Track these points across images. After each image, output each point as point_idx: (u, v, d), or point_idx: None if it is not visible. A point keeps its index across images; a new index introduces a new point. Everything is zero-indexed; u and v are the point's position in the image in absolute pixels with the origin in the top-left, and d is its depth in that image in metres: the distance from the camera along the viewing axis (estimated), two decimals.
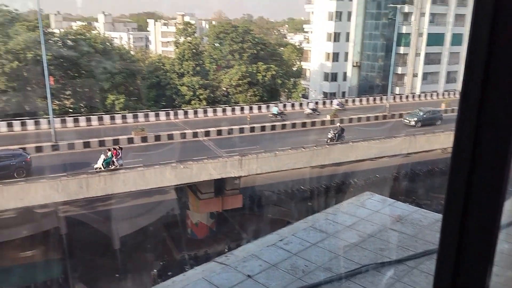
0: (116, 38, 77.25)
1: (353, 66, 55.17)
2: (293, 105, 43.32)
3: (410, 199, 32.18)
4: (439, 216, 6.31)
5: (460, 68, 56.17)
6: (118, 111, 39.06)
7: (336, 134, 30.08)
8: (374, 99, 46.97)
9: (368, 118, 38.76)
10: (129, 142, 29.91)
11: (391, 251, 5.23)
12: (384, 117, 39.59)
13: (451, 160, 1.40)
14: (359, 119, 38.29)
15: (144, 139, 30.44)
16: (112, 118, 35.34)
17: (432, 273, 4.70)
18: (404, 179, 37.96)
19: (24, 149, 26.21)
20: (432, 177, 38.75)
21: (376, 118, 39.23)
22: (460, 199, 1.37)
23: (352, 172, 36.53)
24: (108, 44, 47.67)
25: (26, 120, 32.71)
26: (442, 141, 32.99)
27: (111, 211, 30.66)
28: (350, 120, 38.00)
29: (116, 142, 29.41)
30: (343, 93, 54.36)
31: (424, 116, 37.42)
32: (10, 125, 31.95)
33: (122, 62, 44.43)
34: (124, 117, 35.58)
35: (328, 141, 29.80)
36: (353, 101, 46.76)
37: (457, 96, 50.05)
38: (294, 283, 4.38)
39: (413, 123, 37.00)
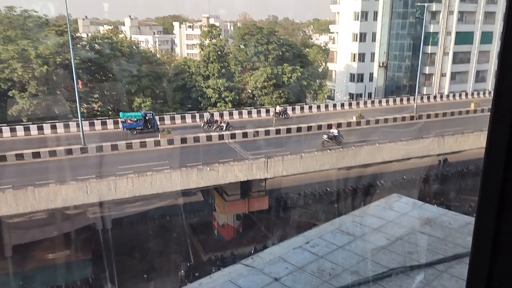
0: (142, 41, 78.72)
1: (380, 66, 54.40)
2: (318, 107, 43.13)
3: (439, 201, 31.54)
4: (469, 219, 6.14)
5: (490, 67, 54.61)
6: None
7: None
8: (401, 100, 46.21)
9: (395, 119, 38.12)
10: (155, 145, 30.35)
11: (420, 254, 5.12)
12: (412, 118, 38.86)
13: (485, 161, 1.36)
14: (385, 120, 37.71)
15: (170, 142, 30.83)
16: None
17: (462, 277, 4.57)
18: (432, 181, 37.19)
19: None
20: (461, 179, 37.88)
21: (403, 119, 38.54)
22: (494, 202, 1.34)
23: (379, 174, 36.05)
24: (135, 47, 48.59)
25: (56, 123, 33.67)
26: (472, 142, 32.16)
27: (139, 213, 31.22)
28: (377, 121, 37.46)
29: (143, 144, 29.92)
30: (370, 94, 53.66)
31: None
32: (40, 128, 32.96)
33: (148, 65, 45.17)
34: None
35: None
36: (380, 102, 46.12)
37: (487, 95, 49.05)
38: (321, 286, 4.34)
39: None
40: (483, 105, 42.40)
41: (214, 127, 34.23)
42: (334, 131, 30.76)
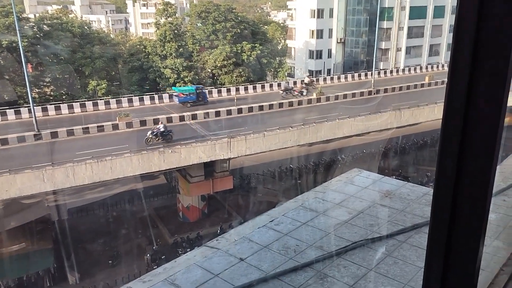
0: (94, 21, 75.49)
1: (338, 42, 54.88)
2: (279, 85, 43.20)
3: (397, 172, 32.70)
4: (427, 190, 6.37)
5: (443, 41, 56.33)
6: (100, 97, 38.40)
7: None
8: (359, 75, 47.00)
9: (354, 95, 38.80)
10: (114, 129, 29.52)
11: (381, 226, 5.26)
12: (370, 93, 39.69)
13: (441, 134, 1.37)
14: (345, 96, 38.32)
15: (129, 125, 30.06)
16: (95, 105, 34.74)
17: (421, 246, 4.72)
18: (390, 153, 38.43)
19: None
20: (417, 150, 39.39)
21: (362, 94, 39.30)
22: (452, 173, 1.36)
23: (340, 149, 36.79)
24: (86, 27, 46.54)
25: (6, 110, 31.97)
26: (427, 114, 33.33)
27: (100, 199, 30.55)
28: (336, 97, 37.99)
29: (100, 128, 29.02)
30: (329, 70, 54.19)
31: None
32: None
33: (101, 46, 43.47)
34: (107, 103, 35.00)
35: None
36: (339, 78, 46.72)
37: (440, 69, 50.62)
38: (286, 264, 4.39)
39: None
40: (437, 78, 43.86)
41: (295, 93, 36.40)
42: (160, 126, 26.69)
